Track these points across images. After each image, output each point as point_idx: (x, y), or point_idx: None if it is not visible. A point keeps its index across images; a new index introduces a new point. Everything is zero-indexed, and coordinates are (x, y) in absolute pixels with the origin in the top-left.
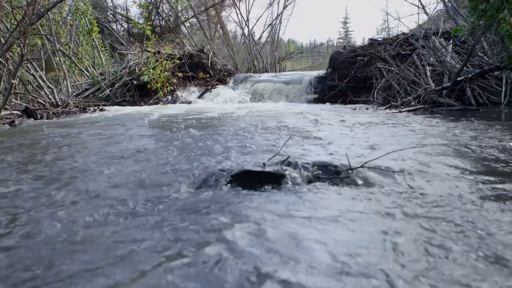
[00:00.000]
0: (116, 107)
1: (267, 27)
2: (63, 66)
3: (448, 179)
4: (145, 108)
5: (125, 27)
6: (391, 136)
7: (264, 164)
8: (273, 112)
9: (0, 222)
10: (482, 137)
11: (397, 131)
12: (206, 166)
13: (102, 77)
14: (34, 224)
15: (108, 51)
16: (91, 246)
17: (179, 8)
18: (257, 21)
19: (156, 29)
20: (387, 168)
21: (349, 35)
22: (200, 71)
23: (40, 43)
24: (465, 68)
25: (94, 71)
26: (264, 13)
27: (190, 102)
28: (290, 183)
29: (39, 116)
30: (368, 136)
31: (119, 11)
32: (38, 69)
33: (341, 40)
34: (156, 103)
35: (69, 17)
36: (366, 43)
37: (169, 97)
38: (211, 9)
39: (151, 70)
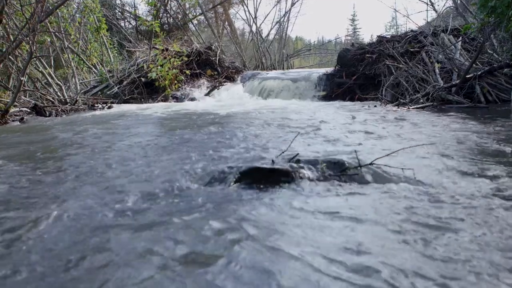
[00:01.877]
0: (124, 104)
1: (275, 25)
2: (72, 63)
3: (458, 177)
4: (153, 106)
5: (133, 24)
6: (400, 133)
7: (272, 161)
8: (281, 109)
9: (22, 218)
10: (492, 135)
11: (405, 128)
12: (215, 163)
13: (110, 75)
14: (57, 212)
15: (116, 49)
16: (113, 232)
17: (187, 6)
18: (265, 19)
19: (164, 27)
20: (396, 165)
21: (357, 32)
22: (208, 69)
23: (49, 40)
24: (474, 65)
25: (103, 69)
26: (272, 10)
27: (198, 99)
28: (298, 180)
29: (48, 113)
30: (377, 133)
31: (127, 8)
32: (46, 66)
33: (349, 37)
34: (164, 101)
35: (77, 15)
36: (374, 40)
37: (177, 95)
38: (219, 6)
39: (159, 67)
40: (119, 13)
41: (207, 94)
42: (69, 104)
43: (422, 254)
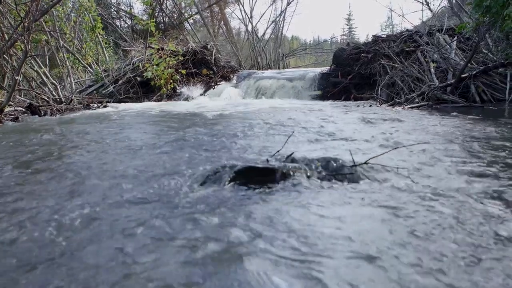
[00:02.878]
0: (120, 103)
1: (271, 24)
2: (67, 62)
3: (451, 176)
4: (148, 105)
5: (128, 23)
6: (394, 132)
7: (267, 160)
8: (276, 108)
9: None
10: (486, 134)
11: (400, 128)
12: (209, 163)
13: (106, 74)
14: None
15: (111, 48)
16: (105, 231)
17: (183, 5)
18: (260, 18)
19: (160, 26)
20: (391, 164)
21: (353, 32)
22: (203, 68)
23: (44, 40)
24: (469, 65)
25: (98, 68)
26: (268, 9)
27: (193, 99)
28: (293, 179)
29: (42, 112)
30: (372, 132)
31: (122, 7)
32: (42, 65)
33: (345, 37)
34: (160, 100)
35: (73, 14)
36: (370, 39)
37: (173, 94)
38: (214, 5)
39: (154, 66)
40: (115, 12)
41: (203, 94)
42: (64, 103)
43: (418, 253)
